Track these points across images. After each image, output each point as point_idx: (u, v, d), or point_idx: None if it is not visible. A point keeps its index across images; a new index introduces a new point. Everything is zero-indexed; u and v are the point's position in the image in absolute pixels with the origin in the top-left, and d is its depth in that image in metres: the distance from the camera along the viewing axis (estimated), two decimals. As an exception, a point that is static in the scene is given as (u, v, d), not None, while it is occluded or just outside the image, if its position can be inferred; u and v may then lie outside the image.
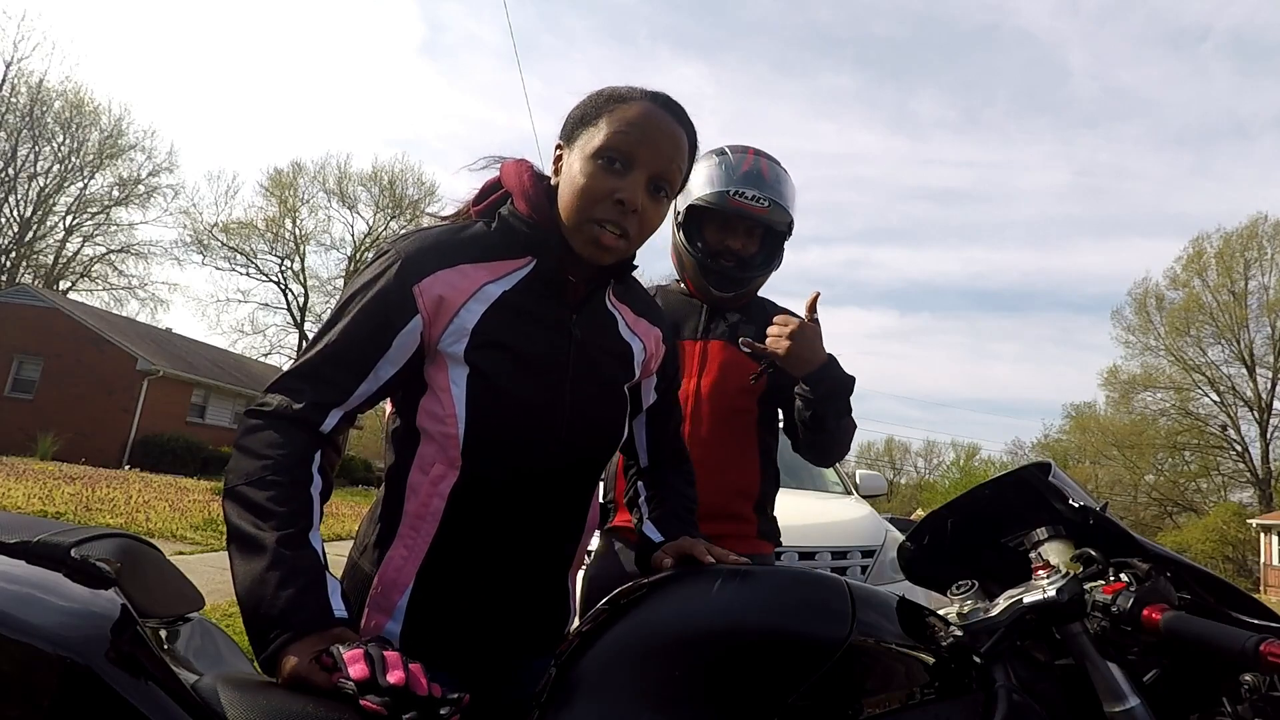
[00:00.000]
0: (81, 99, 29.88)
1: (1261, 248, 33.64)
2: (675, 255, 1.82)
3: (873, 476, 5.30)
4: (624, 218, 0.99)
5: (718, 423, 1.70)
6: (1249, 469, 34.04)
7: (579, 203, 0.99)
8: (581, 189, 0.98)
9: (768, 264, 1.77)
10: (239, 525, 0.85)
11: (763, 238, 1.76)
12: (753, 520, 1.73)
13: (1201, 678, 0.88)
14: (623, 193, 0.98)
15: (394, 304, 0.95)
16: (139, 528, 7.79)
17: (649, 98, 1.02)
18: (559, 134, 1.07)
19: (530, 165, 1.08)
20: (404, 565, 0.99)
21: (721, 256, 1.73)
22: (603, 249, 1.00)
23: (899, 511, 30.73)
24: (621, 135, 0.98)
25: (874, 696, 0.81)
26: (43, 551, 0.79)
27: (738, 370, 1.72)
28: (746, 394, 1.73)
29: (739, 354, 1.73)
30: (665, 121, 1.01)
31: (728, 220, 1.72)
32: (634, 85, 1.04)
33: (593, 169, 0.98)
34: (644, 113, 1.00)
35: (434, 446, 0.99)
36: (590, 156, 0.99)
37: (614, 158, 0.98)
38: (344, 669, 0.73)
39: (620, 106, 1.00)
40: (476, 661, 1.00)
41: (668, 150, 1.01)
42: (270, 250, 32.36)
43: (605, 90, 1.04)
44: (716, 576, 0.89)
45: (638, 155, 0.99)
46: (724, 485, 1.67)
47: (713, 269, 1.73)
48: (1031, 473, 1.03)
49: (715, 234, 1.74)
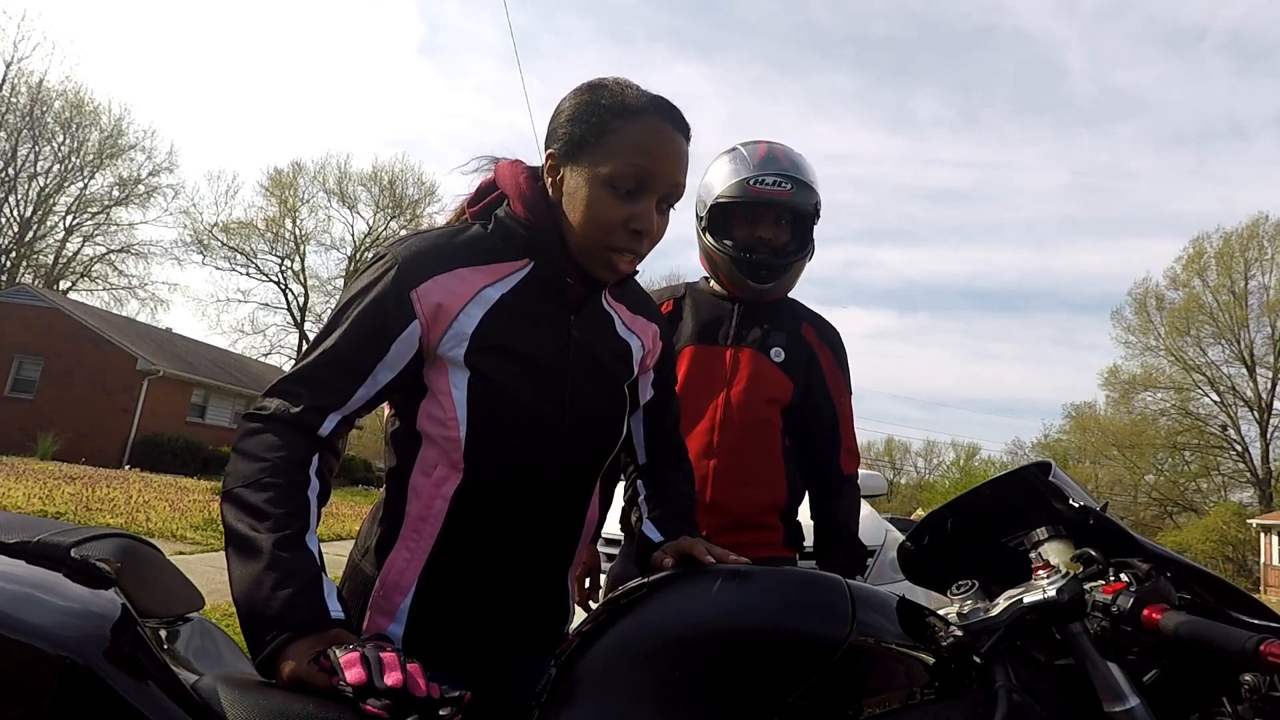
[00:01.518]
0: (81, 99, 29.89)
1: (1262, 248, 33.66)
2: (705, 259, 1.82)
3: (873, 476, 5.29)
4: (639, 244, 1.00)
5: (746, 433, 1.70)
6: (1249, 469, 34.03)
7: (593, 231, 0.99)
8: (596, 219, 0.98)
9: (801, 249, 1.76)
10: (236, 527, 0.85)
11: (792, 224, 1.75)
12: (779, 529, 1.74)
13: (1201, 678, 0.88)
14: (637, 222, 0.98)
15: (391, 309, 0.95)
16: (139, 528, 7.78)
17: (653, 111, 1.00)
18: (548, 135, 1.04)
19: (525, 166, 1.08)
20: (406, 567, 0.99)
21: (754, 249, 1.71)
22: (618, 273, 1.02)
23: (899, 511, 30.72)
24: (633, 166, 0.97)
25: (874, 696, 0.81)
26: (43, 551, 0.79)
27: (768, 382, 1.72)
28: (775, 405, 1.73)
29: (770, 365, 1.73)
30: (671, 138, 1.00)
31: (753, 211, 1.72)
32: (627, 83, 1.02)
33: (604, 197, 0.98)
34: (653, 136, 0.98)
35: (436, 449, 0.99)
36: (603, 184, 0.97)
37: (627, 186, 0.98)
38: (341, 673, 0.72)
39: (625, 125, 0.98)
40: (477, 662, 1.01)
41: (677, 170, 1.00)
42: (270, 250, 32.36)
43: (603, 97, 1.00)
44: (716, 576, 0.89)
45: (649, 182, 0.98)
46: (753, 496, 1.68)
47: (746, 261, 1.71)
48: (1031, 473, 1.03)
49: (744, 228, 1.73)
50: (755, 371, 1.72)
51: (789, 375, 1.74)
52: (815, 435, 1.80)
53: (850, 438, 1.83)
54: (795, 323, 1.82)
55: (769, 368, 1.73)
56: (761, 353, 1.74)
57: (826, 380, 1.80)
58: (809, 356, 1.79)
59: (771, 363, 1.73)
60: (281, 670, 0.77)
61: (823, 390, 1.79)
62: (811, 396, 1.78)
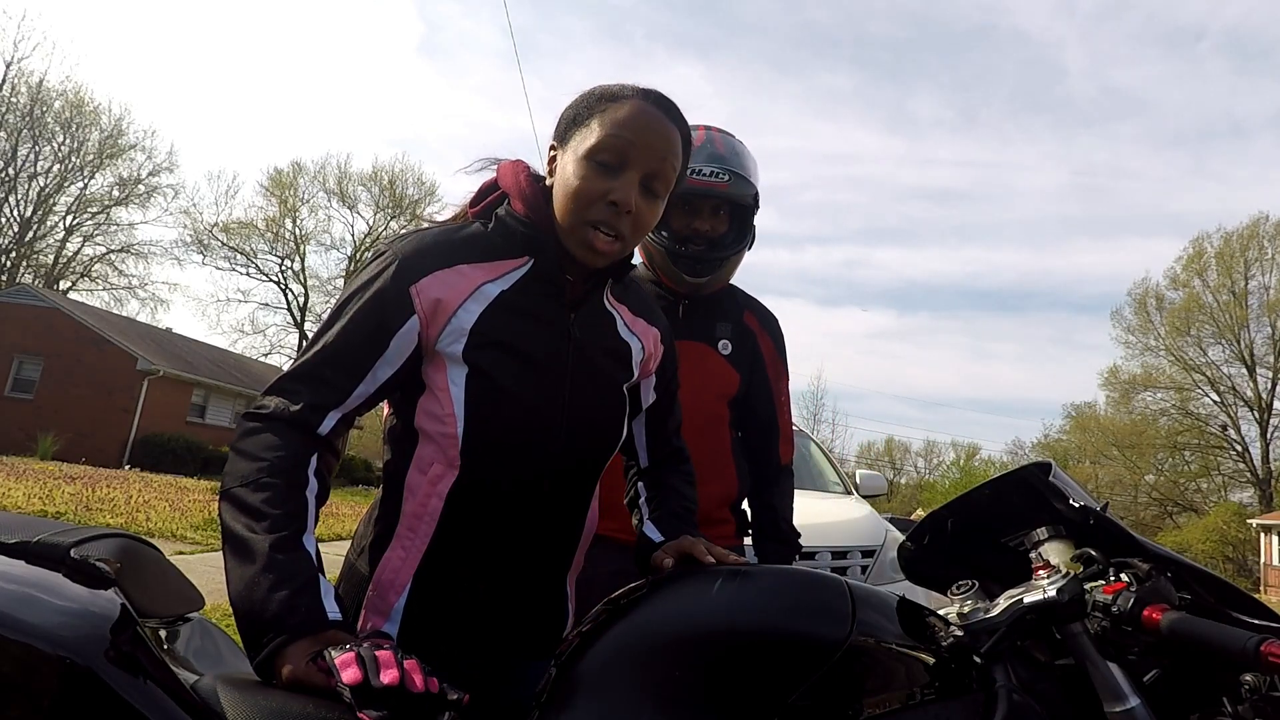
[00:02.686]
0: (81, 99, 29.88)
1: (1262, 247, 33.62)
2: (643, 250, 1.78)
3: (873, 476, 5.30)
4: (618, 219, 0.99)
5: (700, 433, 1.66)
6: (1249, 469, 34.01)
7: (572, 205, 0.99)
8: (574, 191, 0.98)
9: (739, 241, 1.73)
10: (233, 527, 0.85)
11: (730, 215, 1.72)
12: (731, 521, 1.74)
13: (1201, 678, 0.88)
14: (616, 194, 0.97)
15: (391, 305, 0.95)
16: (139, 528, 7.78)
17: (640, 95, 1.02)
18: (553, 134, 1.07)
19: (526, 166, 1.08)
20: (401, 567, 0.99)
21: (690, 241, 1.68)
22: (596, 253, 1.00)
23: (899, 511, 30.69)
24: (613, 136, 0.98)
25: (874, 696, 0.81)
26: (43, 551, 0.79)
27: (716, 377, 1.71)
28: (723, 400, 1.73)
29: (718, 358, 1.72)
30: (657, 119, 1.01)
31: (690, 202, 1.68)
32: (626, 83, 1.04)
33: (585, 170, 0.98)
34: (635, 111, 1.00)
35: (433, 447, 0.99)
36: (583, 158, 0.98)
37: (606, 159, 0.98)
38: (336, 674, 0.72)
39: (611, 106, 1.00)
40: (473, 663, 1.00)
41: (660, 148, 1.00)
42: (270, 250, 32.32)
43: (596, 89, 1.03)
44: (716, 576, 0.89)
45: (630, 155, 0.98)
46: (708, 493, 1.65)
47: (683, 255, 1.67)
48: (1031, 473, 1.03)
49: (680, 219, 1.70)
50: (705, 368, 1.71)
51: (735, 367, 1.74)
52: (755, 423, 1.80)
53: (787, 425, 1.83)
54: (738, 311, 1.81)
55: (718, 362, 1.72)
56: (710, 346, 1.73)
57: (767, 368, 1.80)
58: (753, 345, 1.79)
59: (720, 356, 1.72)
60: (279, 672, 0.77)
61: (763, 378, 1.79)
62: (753, 385, 1.78)
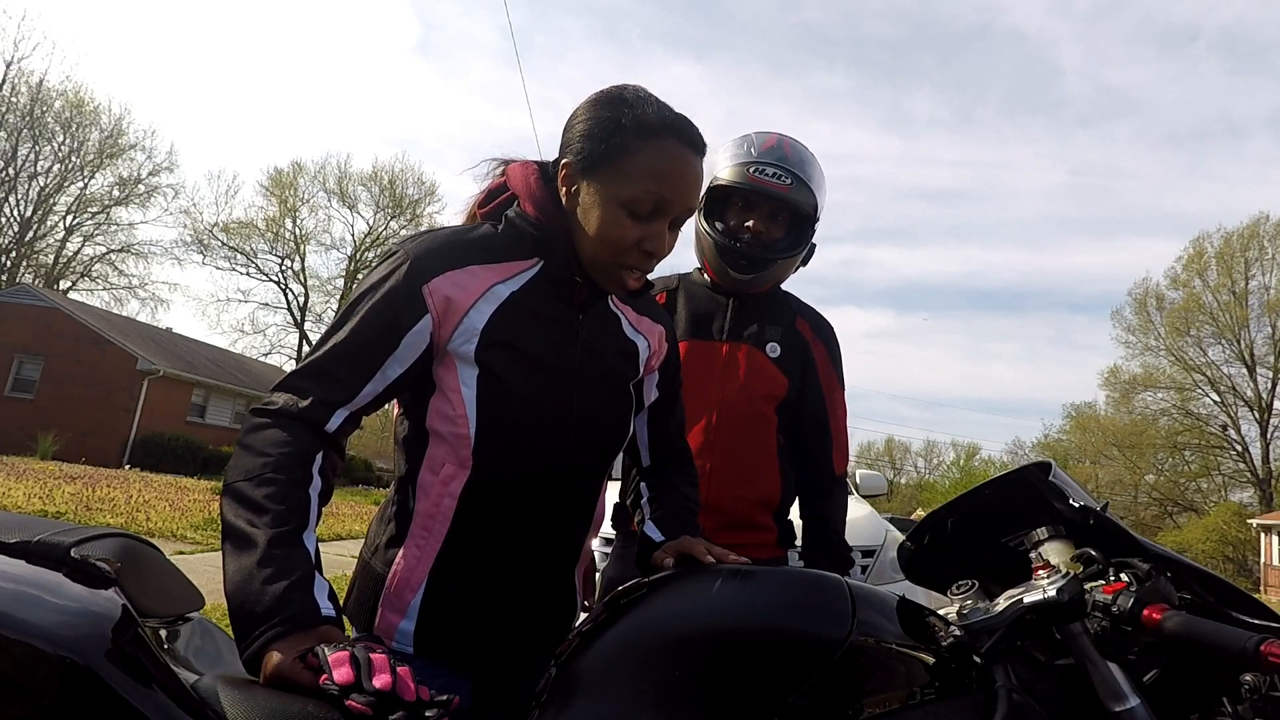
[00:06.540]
0: (81, 99, 29.84)
1: (1262, 247, 33.61)
2: (697, 241, 1.78)
3: (873, 476, 5.29)
4: (649, 264, 1.02)
5: (743, 432, 1.67)
6: (1249, 469, 34.01)
7: (606, 249, 0.99)
8: (610, 238, 0.98)
9: (791, 248, 1.71)
10: (233, 521, 0.85)
11: (788, 222, 1.70)
12: (773, 529, 1.72)
13: (1201, 678, 0.88)
14: (650, 244, 0.99)
15: (403, 304, 0.96)
16: (139, 528, 7.78)
17: (674, 134, 0.98)
18: (563, 143, 1.03)
19: (536, 168, 1.07)
20: (416, 565, 1.00)
21: (742, 238, 1.67)
22: (625, 288, 1.03)
23: (899, 511, 30.70)
24: (650, 192, 0.96)
25: (874, 696, 0.80)
26: (43, 551, 0.79)
27: (764, 378, 1.70)
28: (771, 402, 1.71)
29: (766, 360, 1.70)
30: (689, 163, 0.99)
31: (749, 199, 1.68)
32: (647, 98, 1.00)
33: (619, 218, 0.98)
34: (672, 160, 0.97)
35: (444, 447, 1.00)
36: (618, 204, 0.97)
37: (641, 210, 0.98)
38: (329, 671, 0.71)
39: (643, 148, 0.96)
40: (489, 657, 1.02)
41: (692, 193, 1.01)
42: (270, 250, 32.31)
43: (621, 114, 0.98)
44: (716, 576, 0.89)
45: (664, 207, 0.98)
46: (748, 495, 1.66)
47: (730, 249, 1.67)
48: (1031, 473, 1.03)
49: (737, 215, 1.70)
50: (751, 368, 1.69)
51: (784, 371, 1.72)
52: (808, 432, 1.77)
53: (842, 436, 1.81)
54: (790, 317, 1.79)
55: (765, 363, 1.70)
56: (757, 348, 1.71)
57: (820, 377, 1.78)
58: (804, 352, 1.76)
59: (767, 358, 1.71)
60: (266, 664, 0.76)
61: (816, 387, 1.77)
62: (805, 393, 1.76)
